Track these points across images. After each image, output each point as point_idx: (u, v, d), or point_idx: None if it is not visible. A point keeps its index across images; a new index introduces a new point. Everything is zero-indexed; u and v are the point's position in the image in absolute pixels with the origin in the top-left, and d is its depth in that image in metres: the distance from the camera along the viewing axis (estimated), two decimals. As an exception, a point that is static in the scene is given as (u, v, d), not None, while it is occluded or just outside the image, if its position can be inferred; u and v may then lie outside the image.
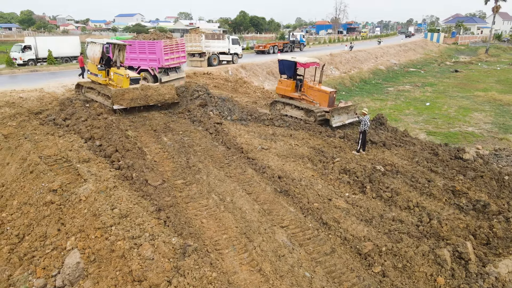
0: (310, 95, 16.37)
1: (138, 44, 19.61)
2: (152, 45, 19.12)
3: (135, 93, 14.52)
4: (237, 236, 7.78)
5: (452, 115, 24.09)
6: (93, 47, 15.94)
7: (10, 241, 8.52)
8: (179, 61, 20.43)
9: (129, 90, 14.53)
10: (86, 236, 7.87)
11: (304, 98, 16.52)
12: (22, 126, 12.84)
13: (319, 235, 7.92)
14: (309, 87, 16.50)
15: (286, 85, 17.08)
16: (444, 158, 12.36)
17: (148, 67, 19.63)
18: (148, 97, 14.84)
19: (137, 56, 19.78)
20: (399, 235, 8.05)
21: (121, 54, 16.25)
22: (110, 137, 11.17)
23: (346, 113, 15.96)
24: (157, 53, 19.02)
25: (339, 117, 15.56)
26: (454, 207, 9.49)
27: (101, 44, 15.52)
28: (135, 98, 14.48)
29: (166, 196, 8.68)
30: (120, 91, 14.32)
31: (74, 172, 9.92)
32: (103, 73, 15.62)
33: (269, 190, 9.52)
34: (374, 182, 10.22)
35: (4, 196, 9.79)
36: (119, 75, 15.23)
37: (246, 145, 12.26)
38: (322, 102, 15.99)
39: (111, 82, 15.56)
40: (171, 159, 10.83)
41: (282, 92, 17.34)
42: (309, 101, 16.33)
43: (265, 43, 47.74)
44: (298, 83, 16.93)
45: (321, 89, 16.18)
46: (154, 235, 7.56)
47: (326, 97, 15.85)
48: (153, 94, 15.00)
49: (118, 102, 14.19)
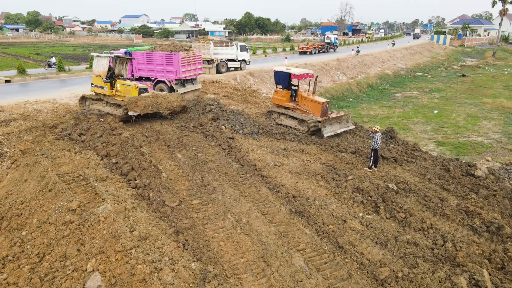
0: (304, 105, 16.97)
1: (156, 56, 19.80)
2: (170, 57, 19.31)
3: (147, 101, 15.28)
4: (254, 260, 7.91)
5: (460, 123, 24.09)
6: (99, 61, 16.48)
7: (30, 260, 8.69)
8: (196, 72, 20.68)
9: (141, 98, 15.28)
10: (107, 258, 8.03)
11: (298, 108, 17.12)
12: (38, 141, 13.05)
13: (335, 259, 8.04)
14: (303, 97, 17.11)
15: (281, 95, 17.72)
16: (456, 175, 12.42)
17: (165, 79, 19.80)
18: (158, 104, 15.64)
19: (154, 67, 19.97)
20: (415, 259, 8.15)
21: (123, 68, 17.03)
22: (126, 155, 11.34)
23: (338, 123, 16.58)
24: (175, 65, 19.21)
25: (331, 127, 16.14)
26: (468, 229, 9.56)
27: (107, 58, 16.21)
28: (147, 105, 15.27)
29: (184, 218, 8.82)
30: (133, 99, 15.06)
31: (92, 191, 10.10)
32: (108, 85, 16.35)
33: (284, 211, 9.65)
34: (387, 201, 10.31)
35: (23, 214, 9.98)
36: (127, 86, 15.98)
37: (259, 162, 12.40)
38: (315, 112, 16.58)
39: (118, 94, 16.23)
40: (186, 177, 10.98)
41: (277, 102, 17.95)
42: (303, 111, 16.92)
43: (308, 45, 54.82)
44: (293, 93, 17.61)
45: (314, 100, 16.76)
46: (173, 259, 7.71)
47: (319, 107, 16.42)
48: (163, 102, 15.77)
49: (133, 109, 14.96)
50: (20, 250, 8.94)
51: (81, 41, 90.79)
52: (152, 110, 15.51)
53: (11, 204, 10.40)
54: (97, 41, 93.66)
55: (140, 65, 20.48)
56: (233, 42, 31.24)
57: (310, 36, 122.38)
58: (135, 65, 20.64)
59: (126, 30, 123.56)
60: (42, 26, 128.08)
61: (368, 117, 25.39)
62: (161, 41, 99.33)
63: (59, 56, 30.03)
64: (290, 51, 55.21)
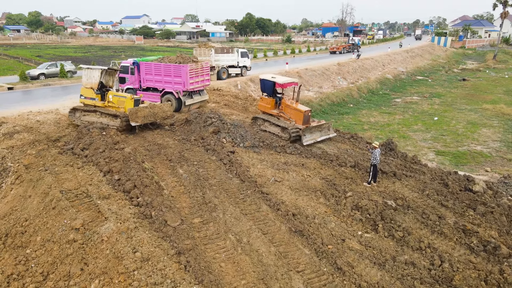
0: (287, 112, 17.57)
1: (164, 67, 19.89)
2: (178, 69, 19.43)
3: (145, 111, 15.96)
4: (255, 282, 8.07)
5: (460, 131, 24.22)
6: (90, 73, 16.91)
7: (35, 279, 8.87)
8: (203, 84, 20.79)
9: (141, 109, 15.95)
10: (110, 280, 8.20)
11: (282, 115, 17.75)
12: (42, 155, 13.23)
13: (334, 281, 8.19)
14: (287, 105, 17.71)
15: (266, 102, 18.43)
16: (454, 190, 12.57)
17: (173, 90, 19.91)
18: (155, 114, 16.36)
19: (162, 78, 20.05)
20: (412, 281, 8.31)
21: (110, 79, 17.61)
22: (128, 171, 11.50)
23: (319, 131, 17.14)
24: (183, 77, 19.34)
25: (310, 135, 16.65)
26: (465, 248, 9.71)
27: (99, 70, 16.73)
28: (146, 115, 15.91)
29: (186, 239, 8.98)
30: (134, 110, 15.73)
31: (95, 209, 10.27)
32: (99, 96, 16.80)
33: (284, 230, 9.80)
34: (386, 219, 10.46)
35: (28, 231, 10.15)
36: (121, 97, 16.53)
37: (260, 177, 12.55)
38: (297, 120, 17.12)
39: (110, 104, 16.67)
40: (187, 194, 11.15)
41: (263, 109, 18.65)
42: (286, 118, 17.55)
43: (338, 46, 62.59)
44: (277, 101, 18.21)
45: (297, 108, 17.36)
46: (175, 282, 7.87)
47: (301, 115, 16.96)
48: (159, 112, 16.56)
49: (134, 120, 15.64)
50: (24, 268, 9.11)
51: (83, 42, 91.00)
52: (151, 120, 16.20)
53: (15, 220, 10.57)
54: (98, 42, 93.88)
55: (148, 75, 20.53)
56: (234, 48, 31.39)
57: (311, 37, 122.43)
58: (142, 76, 20.71)
59: (127, 31, 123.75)
60: (43, 27, 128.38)
61: (368, 125, 25.53)
62: (162, 42, 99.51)
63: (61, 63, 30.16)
64: (291, 55, 55.29)
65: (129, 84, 21.30)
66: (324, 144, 16.60)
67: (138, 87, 21.11)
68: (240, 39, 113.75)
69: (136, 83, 21.02)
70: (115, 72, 17.78)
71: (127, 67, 21.20)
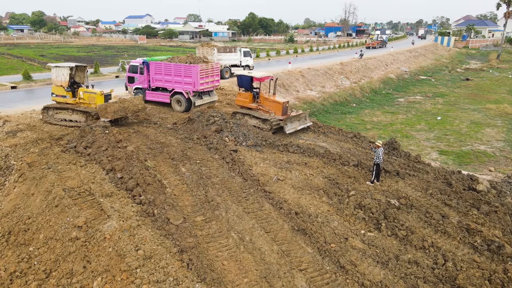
0: (266, 105, 18.27)
1: (174, 67, 19.78)
2: (189, 69, 19.32)
3: (115, 106, 15.98)
4: (257, 280, 8.04)
5: (463, 131, 24.13)
6: (59, 71, 16.96)
7: (37, 277, 8.87)
8: (213, 84, 20.71)
9: (110, 104, 16.00)
10: (112, 277, 8.19)
11: (261, 108, 18.39)
12: (45, 153, 13.24)
13: (337, 280, 8.16)
14: (265, 98, 18.45)
15: (244, 97, 18.86)
16: (458, 189, 12.50)
17: (183, 90, 19.81)
18: (126, 108, 16.34)
19: (172, 78, 19.94)
20: (415, 280, 8.27)
21: (81, 75, 17.75)
22: (131, 169, 11.50)
23: (298, 121, 18.18)
24: (193, 77, 19.24)
25: (291, 124, 17.64)
26: (469, 247, 9.66)
27: (68, 68, 16.77)
28: (116, 110, 15.93)
29: (188, 237, 8.96)
30: (103, 106, 15.82)
31: (98, 207, 10.27)
32: (70, 94, 16.89)
33: (287, 228, 9.77)
34: (389, 218, 10.42)
35: (31, 229, 10.16)
36: (91, 93, 16.62)
37: (262, 176, 12.54)
38: (276, 111, 17.91)
39: (81, 101, 16.80)
40: (190, 192, 11.13)
41: (241, 104, 19.10)
42: (265, 111, 18.20)
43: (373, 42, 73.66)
44: (255, 95, 18.72)
45: (275, 100, 18.19)
46: (178, 280, 7.86)
47: (280, 107, 17.80)
48: (130, 106, 16.54)
49: (104, 115, 15.72)
50: (27, 266, 9.12)
51: (86, 42, 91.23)
52: (121, 114, 16.21)
53: (18, 218, 10.59)
54: (101, 42, 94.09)
55: (157, 75, 20.41)
56: (236, 47, 31.38)
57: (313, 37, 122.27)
58: (152, 75, 20.60)
59: (130, 31, 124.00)
60: (46, 27, 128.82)
61: (371, 124, 25.47)
62: (164, 42, 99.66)
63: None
64: (294, 54, 55.21)
65: (138, 83, 21.23)
66: (327, 143, 16.56)
67: (147, 87, 21.01)
68: (243, 39, 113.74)
69: (145, 83, 20.94)
70: (86, 68, 17.92)
71: (136, 67, 21.10)
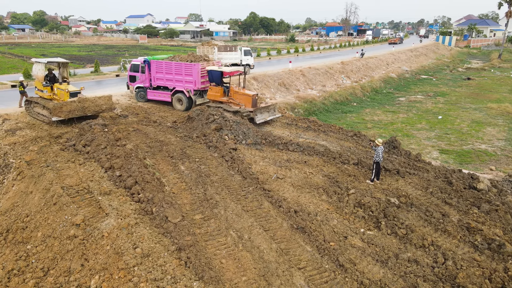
0: (237, 98, 18.80)
1: (175, 66, 19.77)
2: (189, 67, 19.33)
3: (72, 105, 15.95)
4: (256, 279, 7.99)
5: (464, 130, 24.01)
6: (37, 66, 17.26)
7: (35, 275, 8.83)
8: None
9: (67, 103, 15.92)
10: (110, 275, 8.15)
11: (232, 101, 18.92)
12: (44, 152, 13.22)
13: (336, 278, 8.10)
14: (235, 92, 18.96)
15: (215, 91, 19.27)
16: (458, 188, 12.42)
17: (184, 89, 19.80)
18: (85, 108, 16.34)
19: (173, 77, 19.93)
20: (415, 278, 8.20)
21: (64, 71, 17.88)
22: (130, 167, 11.45)
23: (267, 112, 19.02)
24: (194, 75, 19.26)
25: (261, 115, 18.48)
26: (469, 246, 9.58)
27: (44, 63, 17.03)
28: (72, 110, 15.94)
29: (186, 235, 8.91)
30: (58, 104, 15.76)
31: (96, 205, 10.23)
32: (48, 89, 17.04)
33: (286, 226, 9.71)
34: (388, 217, 10.35)
35: (29, 227, 10.13)
36: (61, 90, 16.71)
37: (262, 174, 12.48)
38: (246, 103, 18.48)
39: (55, 97, 16.94)
40: (188, 190, 11.08)
41: (212, 98, 19.44)
42: (236, 103, 18.74)
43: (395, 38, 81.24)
44: (225, 89, 19.26)
45: (245, 93, 18.76)
46: (176, 278, 7.81)
47: (250, 99, 18.37)
48: (90, 106, 16.49)
49: (57, 114, 15.65)
50: (25, 264, 9.08)
51: (87, 42, 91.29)
52: (78, 114, 16.10)
53: (16, 216, 10.57)
54: (102, 42, 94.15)
55: (158, 74, 20.39)
56: (237, 46, 31.31)
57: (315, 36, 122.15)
58: (153, 74, 20.56)
59: (131, 30, 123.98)
60: (48, 26, 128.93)
61: (372, 123, 25.38)
62: (166, 41, 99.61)
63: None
64: (295, 54, 55.10)
65: (140, 82, 21.22)
66: (327, 142, 16.48)
67: (149, 85, 20.99)
68: (244, 38, 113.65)
69: (147, 82, 20.93)
70: (67, 64, 18.04)
71: (138, 66, 21.09)
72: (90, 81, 28.42)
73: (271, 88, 29.07)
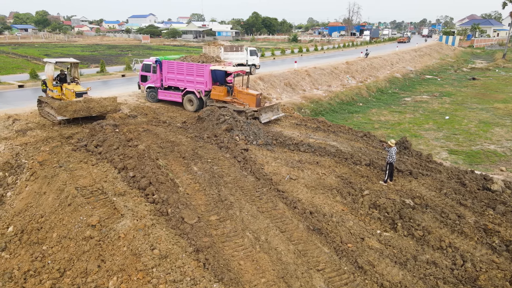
0: (240, 98, 18.92)
1: (187, 66, 19.69)
2: (201, 68, 19.26)
3: (78, 105, 15.94)
4: (275, 280, 7.95)
5: (472, 130, 23.93)
6: (48, 66, 17.34)
7: (51, 276, 8.79)
8: None
9: (72, 103, 15.93)
10: (128, 277, 8.11)
11: (236, 101, 19.00)
12: (56, 152, 13.19)
13: (355, 280, 8.05)
14: (239, 91, 19.11)
15: (219, 91, 19.30)
16: (472, 189, 12.36)
17: (195, 90, 19.73)
18: (90, 108, 16.29)
19: (184, 77, 19.86)
20: (435, 280, 8.15)
21: (75, 71, 17.94)
22: (143, 168, 11.42)
23: (271, 111, 19.17)
24: (205, 76, 19.18)
25: (266, 114, 18.63)
26: (487, 247, 9.52)
27: (53, 64, 17.13)
28: (77, 109, 15.91)
29: (203, 236, 8.87)
30: (64, 104, 15.76)
31: (111, 206, 10.20)
32: (58, 89, 17.09)
33: (302, 228, 9.67)
34: (404, 218, 10.29)
35: (43, 228, 10.10)
36: (68, 90, 16.79)
37: (275, 175, 12.43)
38: (251, 103, 18.59)
39: (63, 97, 16.99)
40: (203, 191, 11.04)
41: (216, 97, 19.47)
42: (240, 103, 18.81)
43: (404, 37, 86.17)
44: (229, 89, 19.33)
45: (249, 93, 18.91)
46: (195, 280, 7.77)
47: (254, 99, 18.51)
48: (96, 106, 16.43)
49: (62, 114, 15.60)
50: (41, 265, 9.05)
51: (89, 41, 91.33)
52: (83, 114, 16.14)
53: (30, 217, 10.54)
54: (105, 42, 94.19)
55: (169, 74, 20.32)
56: (243, 46, 31.29)
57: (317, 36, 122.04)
58: (164, 74, 20.49)
59: (133, 30, 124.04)
60: (50, 26, 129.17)
61: (379, 123, 25.32)
62: (168, 41, 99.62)
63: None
64: (299, 54, 55.02)
65: (151, 82, 21.18)
66: (337, 143, 16.42)
67: (160, 85, 20.94)
68: (246, 38, 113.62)
69: (158, 82, 20.89)
70: (77, 65, 18.07)
71: (149, 66, 21.04)
72: (96, 81, 28.41)
73: (277, 88, 29.02)
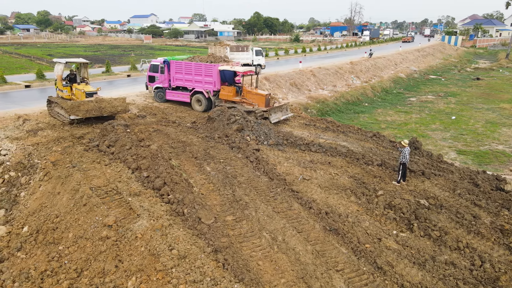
0: (250, 98, 18.93)
1: (195, 66, 19.67)
2: (209, 68, 19.23)
3: (89, 105, 15.96)
4: (294, 281, 7.93)
5: (480, 130, 23.91)
6: (57, 66, 17.38)
7: (69, 276, 8.78)
8: None
9: (84, 102, 15.98)
10: (148, 277, 8.10)
11: (245, 101, 19.01)
12: (68, 152, 13.18)
13: (375, 281, 8.04)
14: (248, 91, 19.10)
15: (228, 91, 19.34)
16: (486, 189, 12.34)
17: (203, 90, 19.69)
18: (102, 108, 16.28)
19: (192, 77, 19.83)
20: (455, 281, 8.14)
21: (85, 71, 17.99)
22: (157, 168, 11.41)
23: (280, 111, 19.23)
24: (214, 76, 19.14)
25: (275, 114, 18.67)
26: (504, 248, 9.51)
27: (63, 64, 17.07)
28: (89, 109, 15.94)
29: (221, 236, 8.86)
30: (76, 103, 15.83)
31: (126, 206, 10.18)
32: (68, 89, 17.15)
33: (318, 228, 9.65)
34: (420, 218, 10.28)
35: (59, 228, 10.09)
36: (78, 90, 16.83)
37: (288, 175, 12.42)
38: (260, 103, 18.59)
39: (73, 97, 17.05)
40: (217, 191, 11.03)
41: (225, 98, 19.47)
42: (249, 103, 18.84)
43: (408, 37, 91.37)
44: (238, 89, 19.36)
45: (258, 93, 18.92)
46: (215, 280, 7.76)
47: (263, 99, 18.51)
48: (107, 106, 16.42)
49: (74, 113, 15.64)
50: (58, 265, 9.04)
51: (92, 42, 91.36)
52: (95, 114, 16.15)
53: (45, 217, 10.53)
54: (107, 42, 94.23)
55: (178, 74, 20.29)
56: (248, 46, 31.28)
57: (319, 36, 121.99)
58: (172, 75, 20.47)
59: (135, 30, 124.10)
60: (52, 26, 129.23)
61: (385, 123, 25.30)
62: (170, 41, 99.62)
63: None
64: (302, 53, 55.00)
65: (159, 83, 21.16)
66: (348, 143, 16.41)
67: (168, 86, 20.92)
68: (248, 38, 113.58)
69: (166, 82, 20.87)
70: (87, 65, 18.09)
71: (157, 66, 21.02)
72: (102, 81, 28.41)
73: (283, 88, 29.01)
